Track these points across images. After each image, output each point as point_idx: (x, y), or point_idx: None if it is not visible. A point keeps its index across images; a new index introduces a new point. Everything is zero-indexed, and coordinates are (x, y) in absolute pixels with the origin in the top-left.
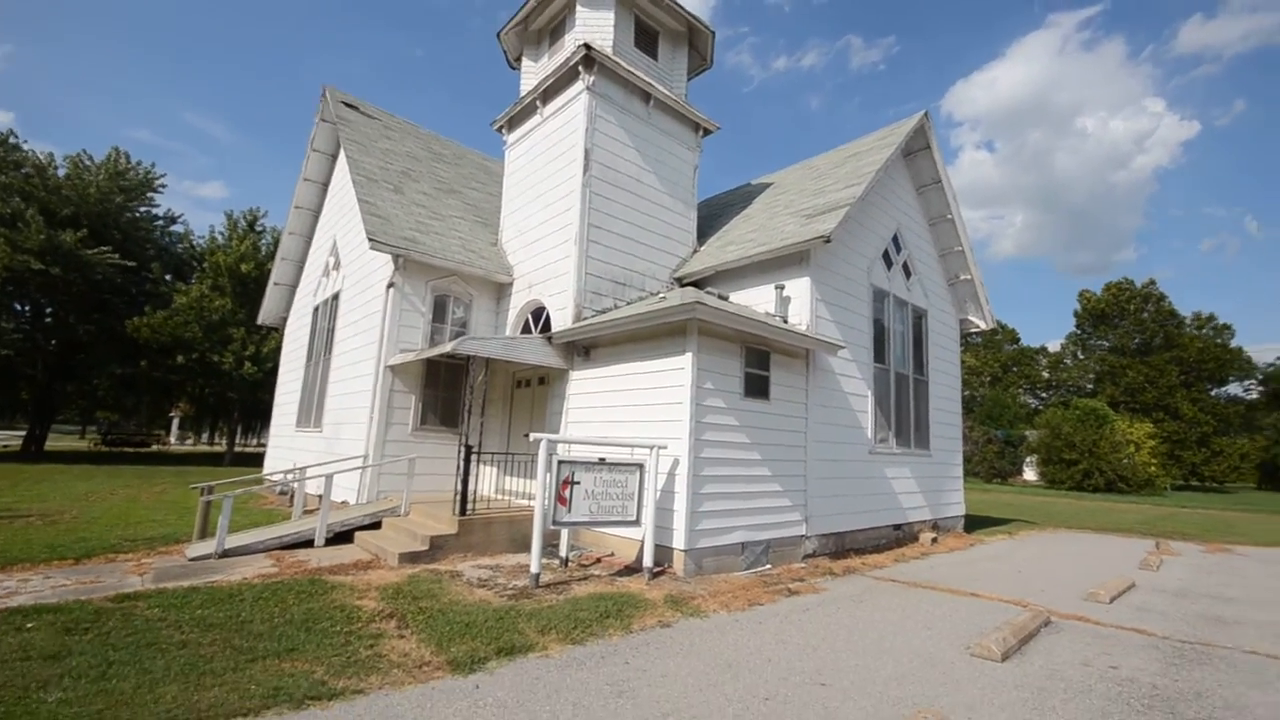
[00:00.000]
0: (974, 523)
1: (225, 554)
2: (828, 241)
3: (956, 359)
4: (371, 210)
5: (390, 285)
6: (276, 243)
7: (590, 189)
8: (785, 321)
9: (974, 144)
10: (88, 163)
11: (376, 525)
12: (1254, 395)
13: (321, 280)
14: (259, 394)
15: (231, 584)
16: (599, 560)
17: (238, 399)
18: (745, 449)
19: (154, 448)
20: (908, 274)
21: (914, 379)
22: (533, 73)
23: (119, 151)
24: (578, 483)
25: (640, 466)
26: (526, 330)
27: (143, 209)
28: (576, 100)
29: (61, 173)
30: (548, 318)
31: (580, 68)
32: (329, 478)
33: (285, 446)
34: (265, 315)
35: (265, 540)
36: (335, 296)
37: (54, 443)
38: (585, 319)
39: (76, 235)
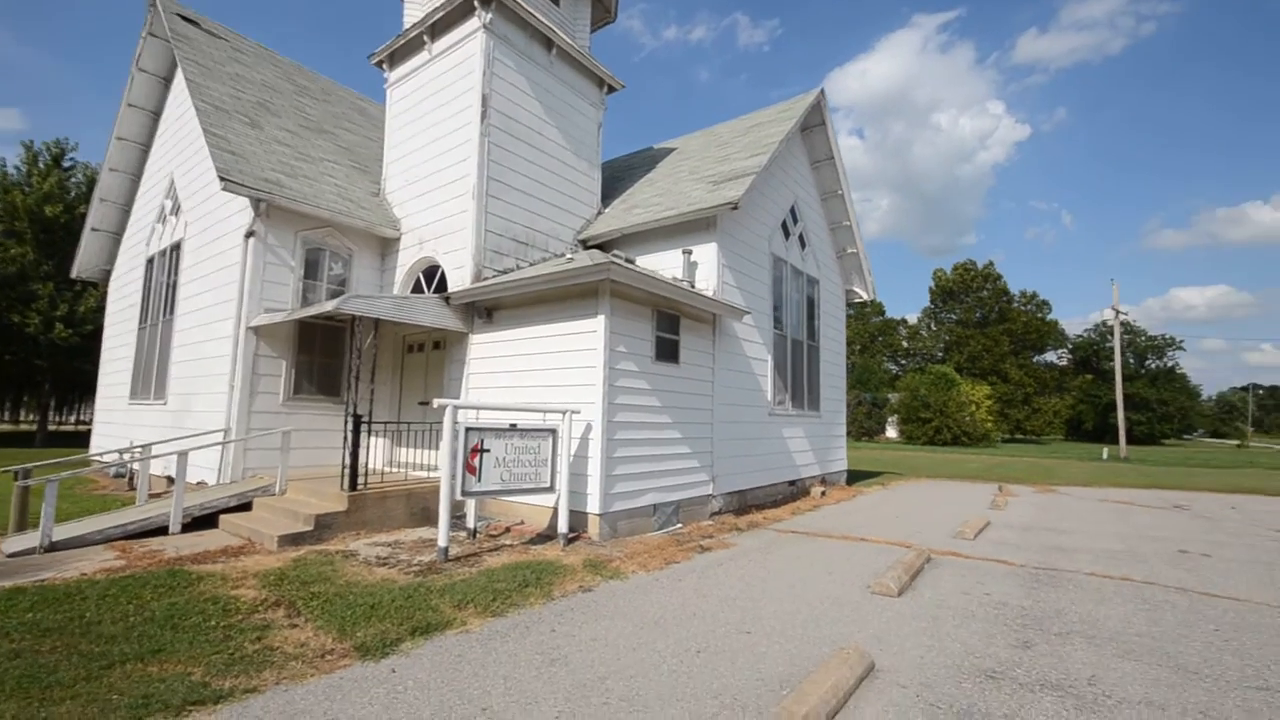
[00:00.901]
0: (853, 476)
1: (53, 547)
2: (735, 208)
3: (843, 326)
4: (222, 144)
5: (250, 234)
6: (91, 182)
7: (489, 139)
8: (693, 286)
9: (846, 130)
10: None
11: (246, 507)
12: (1064, 362)
13: (156, 227)
14: (76, 361)
15: (67, 581)
16: (508, 530)
17: (48, 367)
18: (656, 412)
19: None
20: (803, 245)
21: (808, 345)
22: (419, 4)
23: None
24: (488, 450)
25: (553, 432)
26: (418, 290)
27: None
28: (472, 38)
29: None
30: (443, 277)
31: (476, 2)
32: (182, 455)
33: (119, 422)
34: (81, 267)
35: (105, 529)
36: (176, 246)
37: None
38: (486, 279)
39: None
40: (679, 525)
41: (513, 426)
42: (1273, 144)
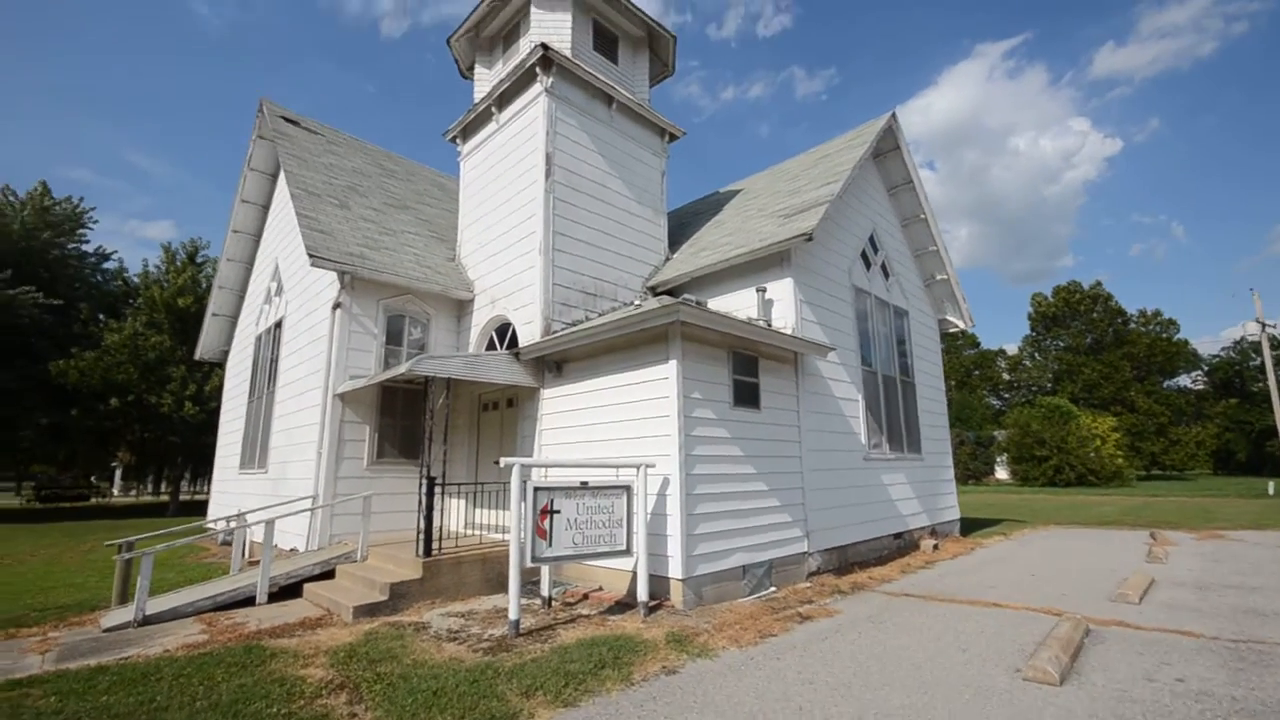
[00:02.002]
0: (967, 526)
1: (146, 621)
2: (810, 239)
3: (939, 360)
4: (312, 225)
5: (337, 306)
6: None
7: (554, 195)
8: (769, 325)
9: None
10: (11, 199)
11: (330, 575)
12: (1201, 386)
13: (263, 308)
14: (202, 436)
15: (149, 659)
16: (586, 596)
17: (180, 443)
18: (739, 462)
19: (93, 501)
20: (886, 274)
21: (900, 381)
22: (486, 80)
23: (44, 186)
24: (558, 511)
25: (627, 488)
26: (491, 349)
27: (71, 246)
28: (535, 103)
29: None
30: (514, 334)
31: (538, 69)
32: (269, 523)
33: (230, 491)
34: (204, 349)
35: (196, 601)
36: (278, 324)
37: None
38: (555, 332)
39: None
40: (772, 589)
41: (584, 484)
42: None
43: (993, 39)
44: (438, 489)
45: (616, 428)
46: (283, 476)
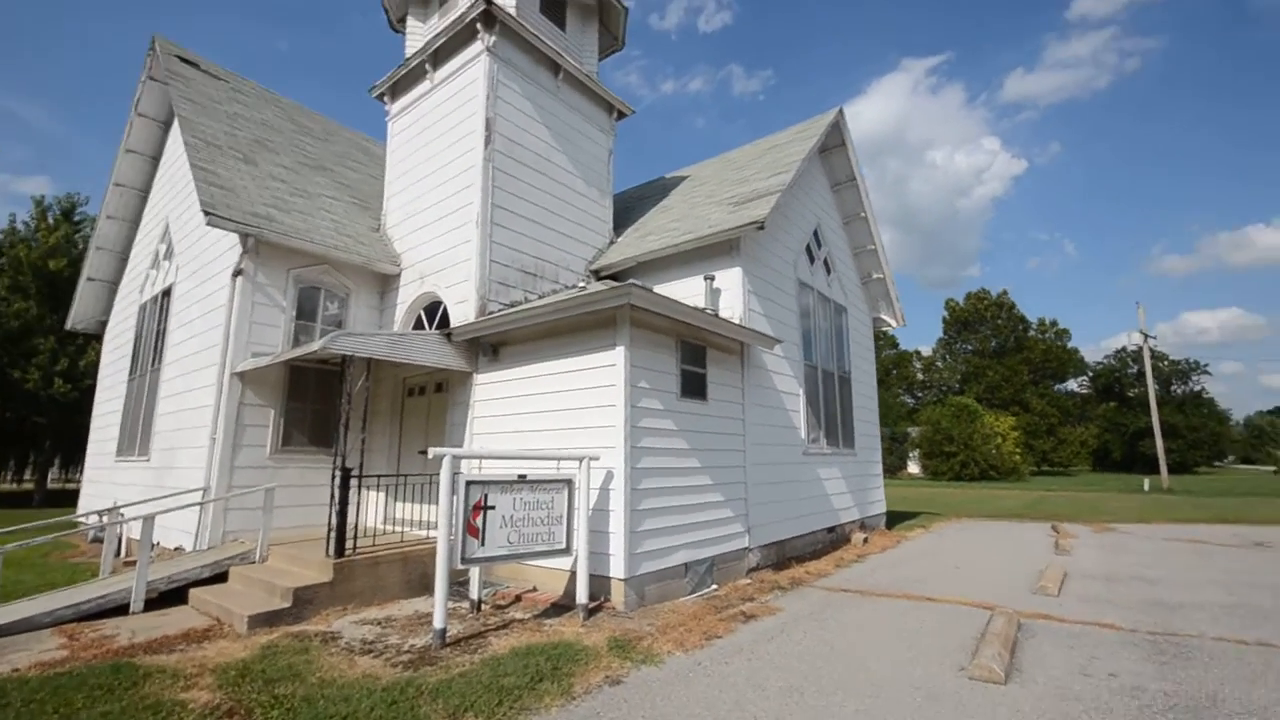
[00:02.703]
0: (889, 518)
1: None
2: (761, 228)
3: (873, 356)
4: (210, 179)
5: (238, 273)
6: None
7: (493, 164)
8: (717, 315)
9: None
10: None
11: (222, 577)
12: (1086, 390)
13: (150, 273)
14: (75, 418)
15: None
16: (519, 599)
17: (47, 424)
18: (684, 455)
19: None
20: (828, 270)
21: (839, 376)
22: (420, 34)
23: None
24: (492, 507)
25: (568, 482)
26: (419, 328)
27: None
28: (475, 63)
29: None
30: (445, 313)
31: (479, 25)
32: (149, 518)
33: (105, 481)
34: (77, 318)
35: (56, 610)
36: (166, 292)
37: None
38: (491, 312)
39: None
40: (714, 586)
41: (521, 478)
42: (1266, 167)
43: (918, 55)
44: (353, 481)
45: (557, 417)
46: (169, 465)
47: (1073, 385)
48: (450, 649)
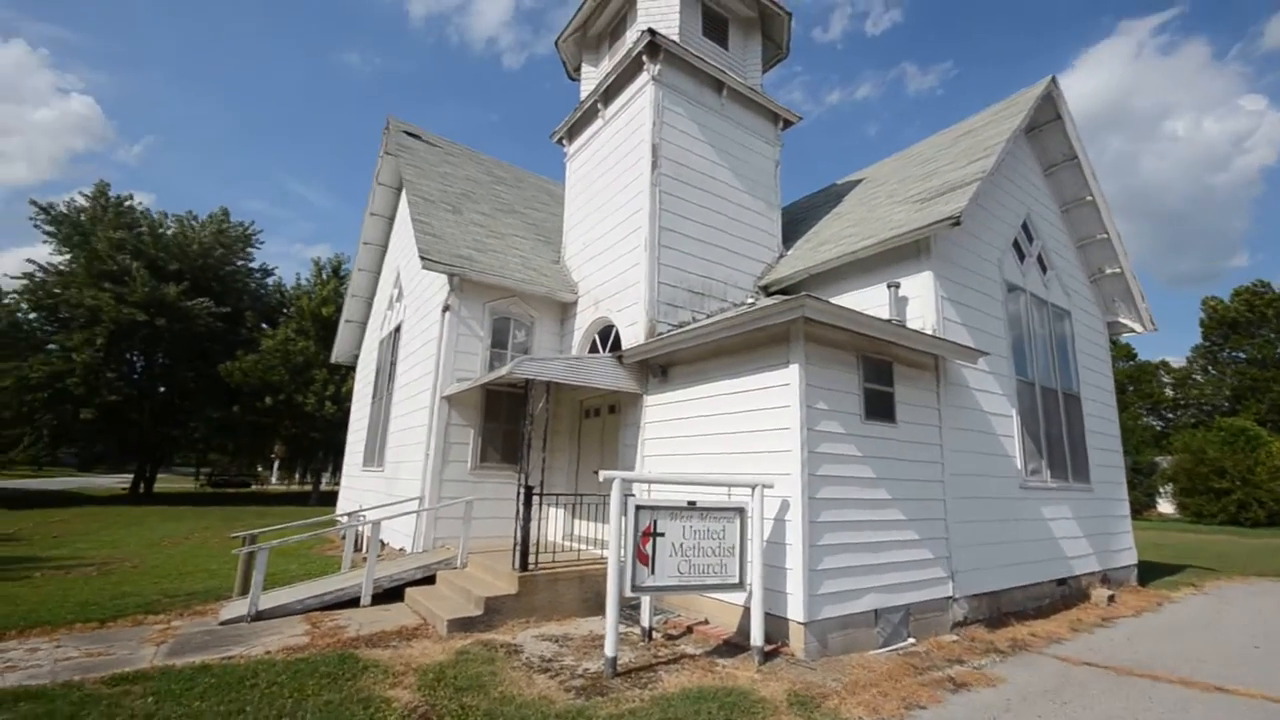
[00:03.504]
0: (1142, 571)
1: (259, 616)
2: (957, 224)
3: (1108, 370)
4: (426, 230)
5: (446, 308)
6: None
7: (660, 188)
8: (904, 325)
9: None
10: (193, 222)
11: (431, 579)
12: None
13: (386, 314)
14: (340, 433)
15: (250, 660)
16: (690, 630)
17: (321, 438)
18: (870, 485)
19: (253, 488)
20: (1044, 268)
21: (1063, 394)
22: (592, 78)
23: (224, 211)
24: (662, 534)
25: (740, 511)
26: (594, 352)
27: (240, 262)
28: (642, 93)
29: (170, 232)
30: (617, 336)
31: (644, 56)
32: (376, 524)
33: (354, 487)
34: (338, 353)
35: (305, 599)
36: (397, 329)
37: (167, 484)
38: (660, 334)
39: (179, 288)
40: (910, 641)
41: (691, 505)
42: None
43: (1138, 14)
44: (535, 499)
45: (728, 440)
46: (395, 476)
47: None
48: (620, 679)
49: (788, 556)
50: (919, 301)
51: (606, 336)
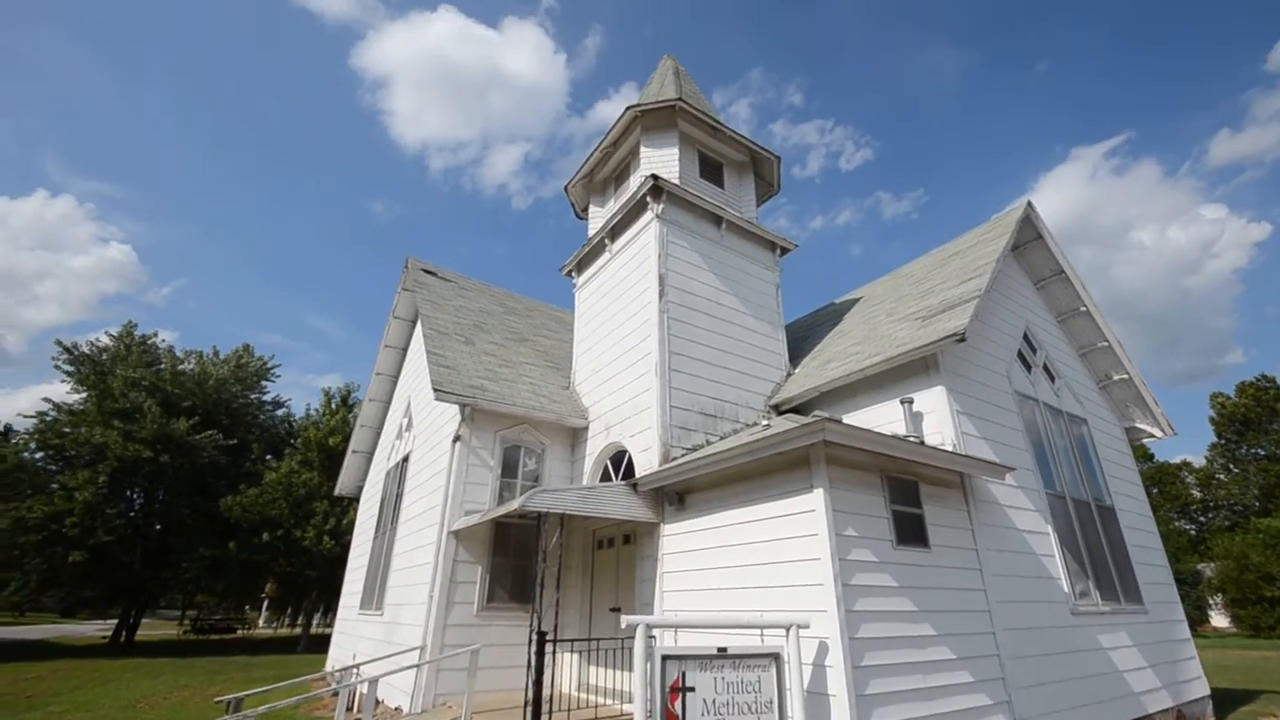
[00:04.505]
0: (1215, 701)
1: None
2: (962, 339)
3: (1137, 477)
4: (440, 361)
5: (457, 439)
6: None
7: (668, 314)
8: (923, 442)
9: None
10: (214, 359)
11: None
12: None
13: (395, 444)
14: (336, 570)
15: None
16: None
17: (316, 576)
18: (913, 620)
19: (238, 633)
20: (1051, 377)
21: (1096, 506)
22: (599, 216)
23: (246, 347)
24: (691, 688)
25: (775, 656)
26: (606, 479)
27: (254, 396)
28: (647, 229)
29: (189, 368)
30: (629, 463)
31: (649, 198)
32: (373, 681)
33: (349, 633)
34: (343, 485)
35: None
36: (405, 459)
37: (151, 630)
38: (674, 459)
39: (189, 423)
40: None
41: (722, 651)
42: None
43: (1088, 143)
44: (549, 645)
45: (753, 572)
46: (396, 621)
47: None
48: None
49: (833, 710)
50: (934, 417)
51: (619, 462)
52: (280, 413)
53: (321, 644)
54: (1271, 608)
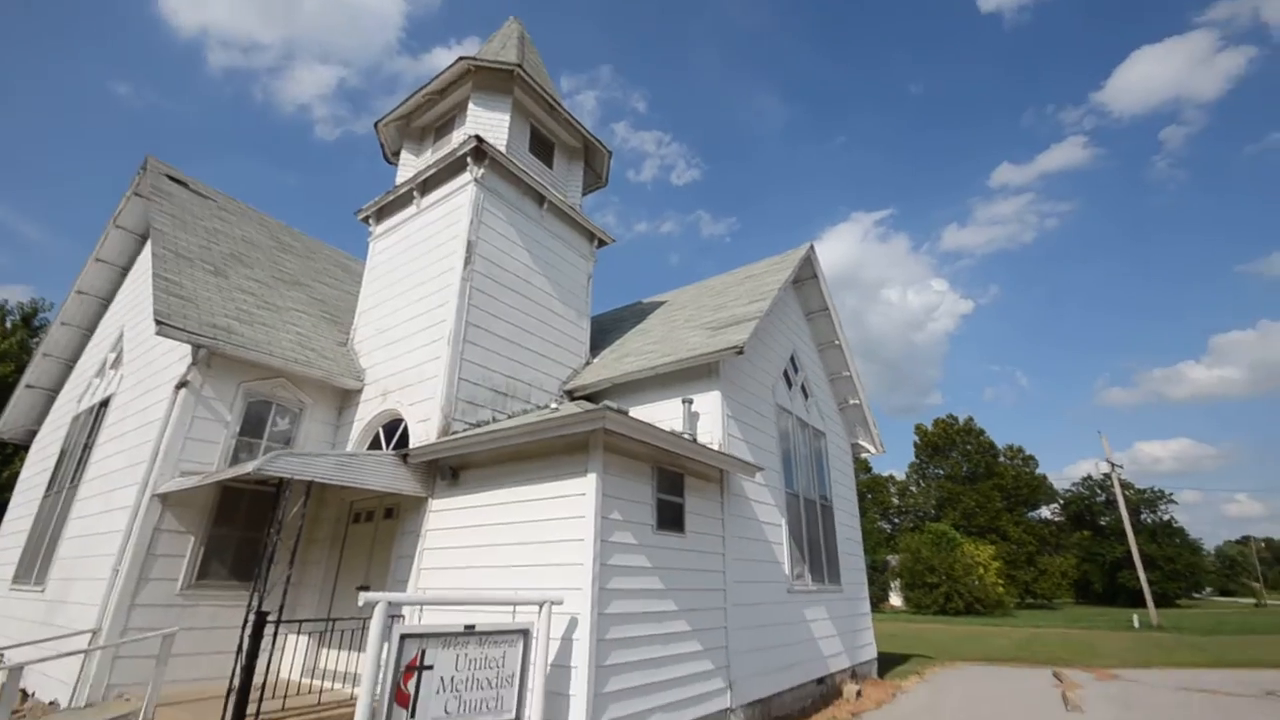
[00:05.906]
0: (879, 662)
1: None
2: (740, 353)
3: (853, 483)
4: (171, 289)
5: (182, 384)
6: None
7: (471, 283)
8: (695, 440)
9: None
10: None
11: None
12: (1059, 518)
13: (93, 382)
14: None
15: None
16: None
17: None
18: (659, 597)
19: None
20: (806, 395)
21: (820, 505)
22: (411, 165)
23: None
24: (429, 666)
25: (525, 633)
26: (375, 448)
27: None
28: (462, 191)
29: None
30: (405, 432)
31: (470, 159)
32: (15, 669)
33: None
34: (6, 425)
35: None
36: (105, 402)
37: None
38: (455, 432)
39: None
40: None
41: (469, 629)
42: (1184, 307)
43: (865, 209)
44: (271, 627)
45: (519, 551)
46: (62, 599)
47: (1046, 513)
48: None
49: (572, 681)
50: (708, 418)
51: (393, 431)
52: None
53: None
54: (930, 591)
